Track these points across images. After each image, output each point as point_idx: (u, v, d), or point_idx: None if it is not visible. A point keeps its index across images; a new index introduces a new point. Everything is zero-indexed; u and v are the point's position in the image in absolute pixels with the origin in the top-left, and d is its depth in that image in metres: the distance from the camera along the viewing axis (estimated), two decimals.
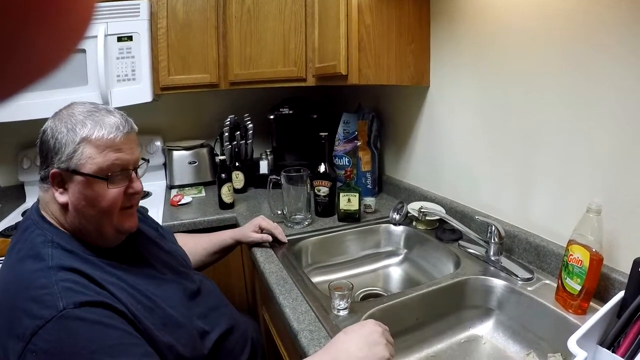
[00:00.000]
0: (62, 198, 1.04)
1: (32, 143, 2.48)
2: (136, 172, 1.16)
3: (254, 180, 2.59)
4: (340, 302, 1.21)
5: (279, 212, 1.98)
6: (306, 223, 1.93)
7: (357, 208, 1.90)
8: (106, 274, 1.03)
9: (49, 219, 1.07)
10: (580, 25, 1.21)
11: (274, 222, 1.75)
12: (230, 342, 1.31)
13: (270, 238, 1.70)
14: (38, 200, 1.12)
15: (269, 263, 1.56)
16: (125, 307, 0.99)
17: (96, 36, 2.10)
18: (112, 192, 1.08)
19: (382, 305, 1.26)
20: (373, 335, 1.00)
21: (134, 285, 1.07)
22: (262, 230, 1.71)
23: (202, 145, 2.74)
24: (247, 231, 1.70)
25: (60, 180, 1.04)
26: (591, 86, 1.21)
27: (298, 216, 1.93)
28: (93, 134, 1.03)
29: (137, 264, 1.17)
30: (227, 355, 1.29)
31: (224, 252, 1.74)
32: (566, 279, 1.18)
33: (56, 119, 1.05)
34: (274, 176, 1.97)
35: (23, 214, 2.19)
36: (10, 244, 1.06)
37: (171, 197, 2.39)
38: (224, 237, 1.72)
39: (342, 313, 1.22)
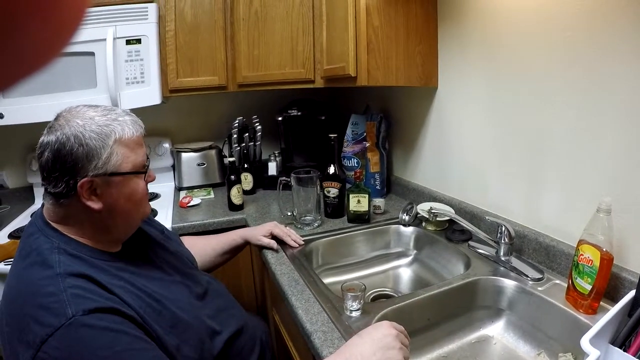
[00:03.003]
0: (97, 204, 1.04)
1: None
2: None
3: (263, 181, 2.60)
4: (353, 303, 1.22)
5: (289, 214, 1.99)
6: (316, 224, 1.93)
7: (367, 209, 1.91)
8: (114, 278, 1.03)
9: (54, 225, 1.06)
10: (588, 26, 1.22)
11: (286, 226, 1.77)
12: (239, 343, 1.31)
13: (275, 244, 1.70)
14: (42, 206, 1.11)
15: (280, 264, 1.57)
16: (134, 312, 0.99)
17: (105, 39, 2.12)
18: (142, 182, 1.15)
19: (394, 306, 1.27)
20: (387, 338, 1.00)
21: (142, 287, 1.07)
22: (273, 237, 1.73)
23: (210, 147, 2.76)
24: (258, 234, 1.72)
25: (92, 187, 1.03)
26: (599, 85, 1.21)
27: (308, 217, 1.94)
28: (124, 134, 1.07)
29: (144, 266, 1.18)
30: (236, 356, 1.29)
31: (233, 252, 1.75)
32: (576, 278, 1.19)
33: (72, 127, 1.01)
34: (283, 178, 1.98)
35: (32, 216, 2.20)
36: (17, 250, 1.06)
37: (180, 199, 2.40)
38: (234, 236, 1.74)
39: (354, 314, 1.22)
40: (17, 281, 0.97)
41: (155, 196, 2.56)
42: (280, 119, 2.55)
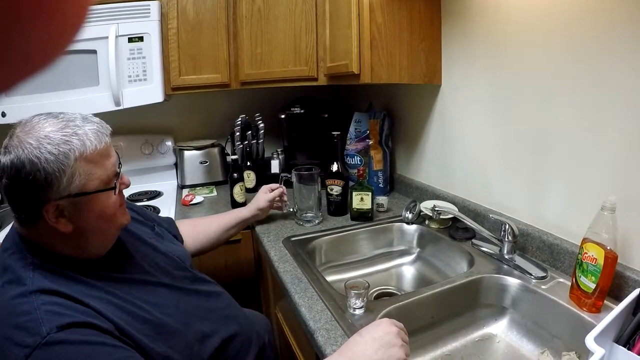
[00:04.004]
0: (68, 227, 0.98)
1: None
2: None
3: (265, 179, 2.58)
4: (356, 301, 1.22)
5: (290, 210, 2.01)
6: (317, 221, 1.95)
7: (370, 207, 1.91)
8: (92, 289, 0.99)
9: (28, 238, 1.01)
10: (592, 25, 1.21)
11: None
12: (234, 345, 1.28)
13: (279, 191, 1.91)
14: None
15: (283, 262, 1.57)
16: (112, 324, 0.95)
17: (107, 37, 2.12)
18: (114, 196, 1.07)
19: (397, 304, 1.27)
20: (388, 336, 0.99)
21: (123, 296, 1.04)
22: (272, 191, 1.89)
23: (213, 145, 2.76)
24: (260, 198, 1.86)
25: (58, 211, 0.97)
26: (604, 84, 1.21)
27: (309, 214, 1.96)
28: (85, 150, 0.98)
29: (129, 270, 1.14)
30: (232, 359, 1.27)
31: (239, 226, 1.82)
32: (580, 277, 1.19)
33: (26, 149, 0.92)
34: (285, 174, 1.99)
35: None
36: None
37: (183, 197, 2.41)
38: (241, 210, 1.85)
39: (358, 312, 1.22)
40: None
41: (157, 194, 2.57)
42: (283, 116, 2.55)
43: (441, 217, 1.73)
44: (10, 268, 0.96)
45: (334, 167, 1.99)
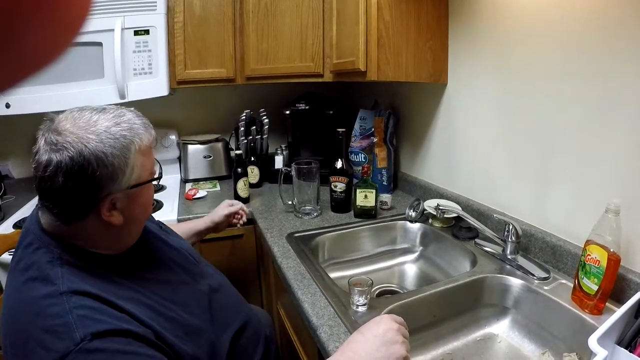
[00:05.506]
0: (119, 219, 0.99)
1: None
2: None
3: (269, 175, 2.60)
4: (360, 298, 1.22)
5: (290, 202, 2.04)
6: (315, 214, 1.98)
7: (374, 204, 1.92)
8: (122, 289, 0.97)
9: (52, 231, 0.98)
10: (598, 25, 1.21)
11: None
12: (243, 340, 1.28)
13: (242, 205, 1.81)
14: (36, 211, 1.02)
15: (286, 258, 1.57)
16: (147, 327, 0.94)
17: (113, 30, 2.12)
18: (152, 186, 1.11)
19: (400, 302, 1.28)
20: (390, 333, 0.98)
21: (151, 295, 1.02)
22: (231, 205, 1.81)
23: (217, 140, 2.76)
24: (218, 211, 1.80)
25: (112, 204, 0.97)
26: (610, 86, 1.21)
27: (307, 207, 1.99)
28: (142, 143, 0.99)
29: (152, 268, 1.13)
30: (242, 353, 1.26)
31: (194, 237, 1.75)
32: (583, 279, 1.19)
33: (90, 144, 0.90)
34: (285, 167, 2.00)
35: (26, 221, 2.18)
36: (13, 260, 0.98)
37: (186, 191, 2.41)
38: (197, 222, 1.78)
39: (361, 309, 1.23)
40: (18, 297, 0.91)
41: (161, 188, 2.57)
42: (287, 112, 2.56)
43: (445, 216, 1.73)
44: (36, 264, 0.93)
45: (339, 164, 2.00)
